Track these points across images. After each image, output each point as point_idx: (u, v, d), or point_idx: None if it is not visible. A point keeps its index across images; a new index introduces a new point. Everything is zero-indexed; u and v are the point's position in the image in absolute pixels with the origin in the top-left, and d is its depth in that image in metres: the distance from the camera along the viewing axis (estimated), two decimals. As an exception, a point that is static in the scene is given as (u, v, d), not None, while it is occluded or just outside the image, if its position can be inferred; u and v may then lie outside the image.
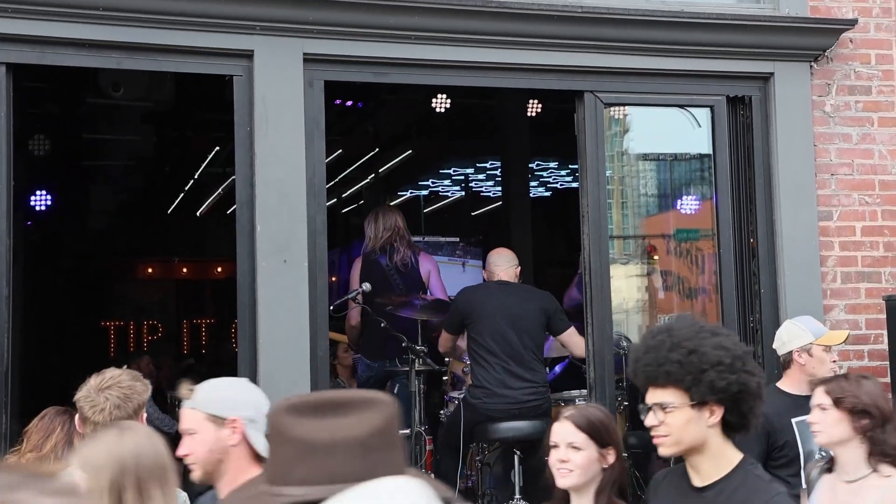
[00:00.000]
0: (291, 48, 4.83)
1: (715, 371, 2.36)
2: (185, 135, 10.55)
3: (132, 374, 3.26)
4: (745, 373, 2.38)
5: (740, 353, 2.41)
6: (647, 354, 2.46)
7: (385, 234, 6.54)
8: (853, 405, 3.27)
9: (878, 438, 3.24)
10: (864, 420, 3.25)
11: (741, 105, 5.52)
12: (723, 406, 2.38)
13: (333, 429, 1.51)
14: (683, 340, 2.39)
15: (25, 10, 4.47)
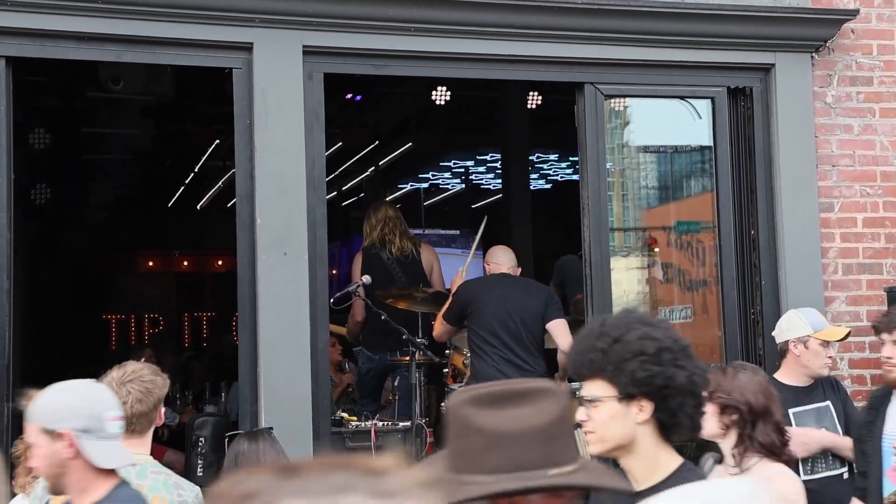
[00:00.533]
0: (291, 40, 4.82)
1: (637, 361, 2.18)
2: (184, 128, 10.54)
3: (153, 368, 3.27)
4: (673, 366, 2.18)
5: (670, 344, 2.20)
6: (577, 344, 2.33)
7: (378, 226, 6.55)
8: (723, 401, 3.19)
9: (745, 434, 3.18)
10: (733, 416, 3.18)
11: (742, 96, 5.51)
12: (652, 402, 2.18)
13: (517, 418, 1.62)
14: (611, 329, 2.24)
15: (25, 4, 4.47)
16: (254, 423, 4.58)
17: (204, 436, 6.36)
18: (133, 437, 3.10)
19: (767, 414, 3.20)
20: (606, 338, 2.23)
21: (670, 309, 6.90)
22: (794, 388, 4.36)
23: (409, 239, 6.67)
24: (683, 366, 2.19)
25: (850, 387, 5.19)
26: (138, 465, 3.08)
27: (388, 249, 6.52)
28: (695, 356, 2.25)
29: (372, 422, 5.59)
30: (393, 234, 6.55)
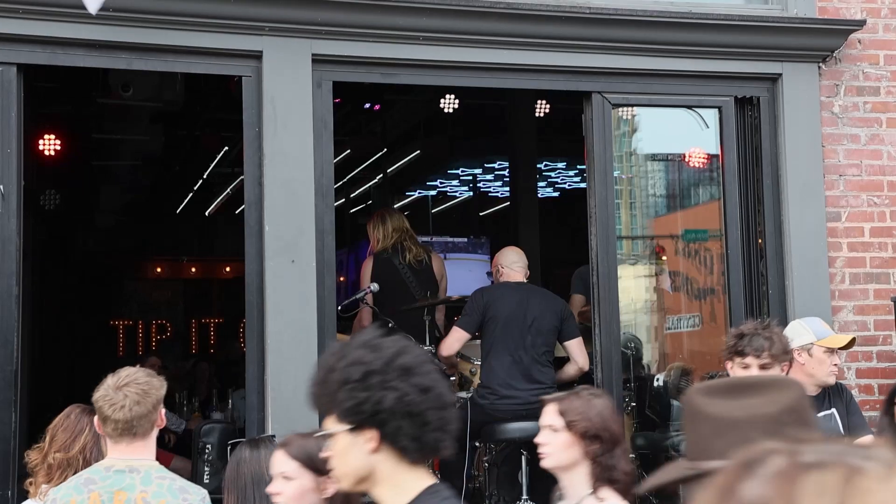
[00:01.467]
0: (300, 49, 4.84)
1: (345, 390, 2.01)
2: (194, 134, 10.58)
3: (147, 371, 3.28)
4: (382, 389, 2.00)
5: (379, 366, 2.00)
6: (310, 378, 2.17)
7: (395, 235, 6.57)
8: (585, 429, 3.06)
9: (607, 464, 3.06)
10: (595, 445, 3.06)
11: (749, 106, 5.52)
12: (375, 429, 2.01)
13: (747, 407, 1.66)
14: (327, 359, 2.09)
15: (36, 11, 4.50)
16: (261, 430, 4.59)
17: (211, 443, 6.37)
18: (136, 440, 3.10)
19: (618, 444, 3.09)
20: (322, 370, 2.10)
21: (678, 317, 6.91)
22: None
23: (422, 246, 6.72)
24: (394, 387, 2.00)
25: (858, 396, 5.18)
26: (143, 471, 3.09)
27: (403, 256, 6.54)
28: (425, 372, 2.04)
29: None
30: (410, 242, 6.59)
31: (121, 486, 3.04)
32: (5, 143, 4.51)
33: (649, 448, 6.10)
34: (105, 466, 3.12)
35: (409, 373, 2.02)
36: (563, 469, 3.15)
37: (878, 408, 5.38)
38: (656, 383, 6.55)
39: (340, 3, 4.86)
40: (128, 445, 3.10)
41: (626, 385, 5.78)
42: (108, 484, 3.05)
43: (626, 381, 5.69)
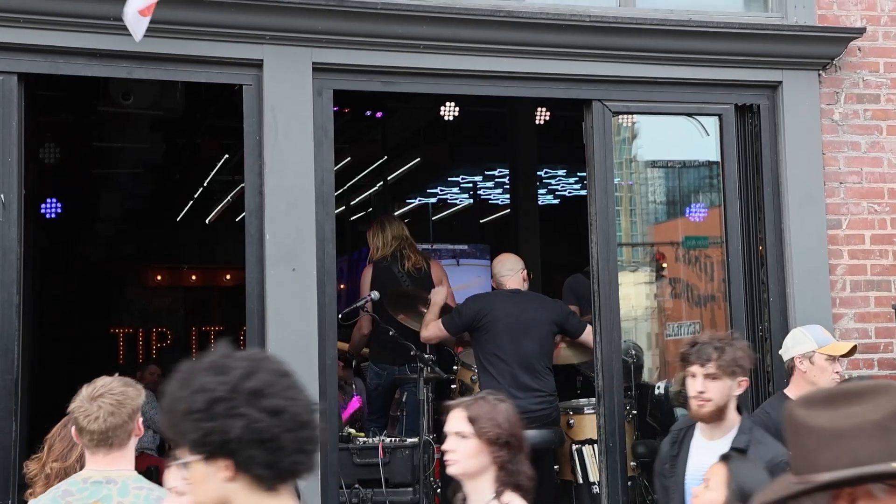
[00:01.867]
0: (300, 57, 4.85)
1: (190, 421, 1.87)
2: (194, 142, 10.59)
3: (124, 380, 3.25)
4: (228, 417, 1.85)
5: (223, 393, 1.85)
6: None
7: (395, 243, 6.57)
8: (496, 435, 3.00)
9: (513, 469, 3.03)
10: (503, 451, 3.02)
11: (749, 113, 5.53)
12: (229, 458, 1.87)
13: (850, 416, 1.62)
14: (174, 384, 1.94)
15: (38, 21, 4.50)
16: (262, 438, 4.58)
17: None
18: (113, 450, 3.08)
19: (523, 449, 3.06)
20: (167, 398, 1.94)
21: (679, 324, 6.91)
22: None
23: (421, 253, 6.71)
24: (242, 414, 1.86)
25: (858, 404, 5.17)
26: (119, 482, 3.07)
27: (402, 264, 6.54)
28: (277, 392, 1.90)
29: (380, 438, 5.59)
30: (409, 250, 6.59)
31: (98, 497, 3.02)
32: (6, 153, 4.51)
33: (650, 456, 6.07)
34: (83, 478, 3.10)
35: (258, 396, 1.87)
36: (469, 476, 3.10)
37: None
38: (657, 391, 6.55)
39: (341, 11, 4.87)
40: (104, 456, 3.08)
41: (627, 393, 5.77)
42: (86, 496, 3.03)
43: (626, 389, 5.68)
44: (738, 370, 3.74)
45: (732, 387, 3.74)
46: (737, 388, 3.75)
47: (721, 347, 3.75)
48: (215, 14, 4.70)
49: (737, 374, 3.73)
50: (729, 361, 3.71)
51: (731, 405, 3.74)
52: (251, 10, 4.74)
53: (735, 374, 3.73)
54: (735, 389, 3.75)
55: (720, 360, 3.71)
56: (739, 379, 3.75)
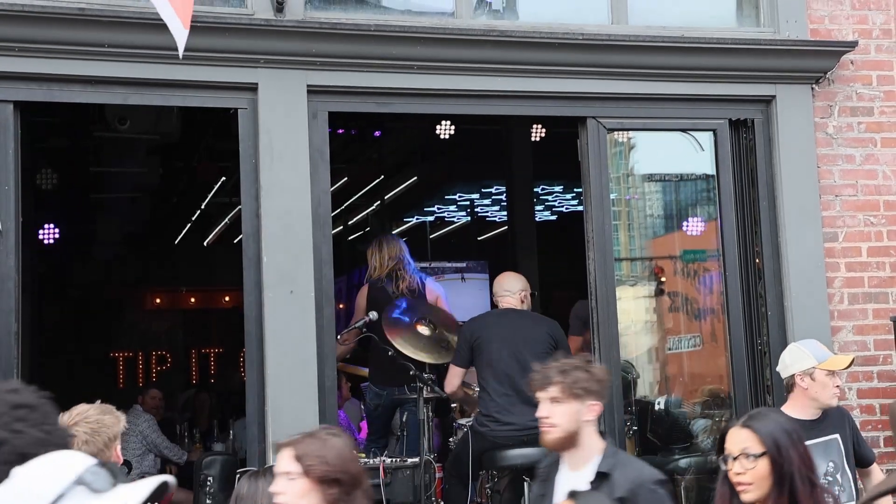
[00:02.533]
0: (295, 80, 4.87)
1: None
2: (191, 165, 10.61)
3: (102, 408, 3.23)
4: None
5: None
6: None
7: (390, 263, 6.57)
8: (324, 473, 2.83)
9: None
10: (334, 489, 2.83)
11: (744, 128, 5.54)
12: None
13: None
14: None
15: (33, 49, 4.52)
16: (262, 461, 4.57)
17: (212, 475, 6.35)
18: None
19: (360, 484, 2.88)
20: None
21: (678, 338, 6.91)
22: (801, 422, 4.32)
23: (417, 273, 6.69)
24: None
25: (859, 416, 5.18)
26: None
27: (396, 284, 6.54)
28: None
29: (380, 458, 5.58)
30: (404, 271, 6.58)
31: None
32: (3, 181, 4.53)
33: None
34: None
35: None
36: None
37: (880, 428, 5.38)
38: (657, 406, 6.54)
39: (334, 34, 4.89)
40: None
41: (627, 409, 5.76)
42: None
43: (627, 405, 5.67)
44: (582, 392, 3.47)
45: (581, 411, 3.47)
46: (586, 412, 3.47)
47: (565, 371, 3.52)
48: (209, 39, 4.72)
49: (583, 397, 3.48)
50: (571, 384, 3.47)
51: (585, 431, 3.49)
52: (245, 35, 4.76)
53: (581, 397, 3.47)
54: (585, 413, 3.47)
55: (563, 383, 3.49)
56: (589, 403, 3.48)
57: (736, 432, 3.00)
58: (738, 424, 3.02)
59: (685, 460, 6.09)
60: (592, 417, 3.51)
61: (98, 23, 4.56)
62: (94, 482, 1.64)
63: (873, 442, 4.89)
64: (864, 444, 4.51)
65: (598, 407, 3.54)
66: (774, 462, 2.92)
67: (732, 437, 3.00)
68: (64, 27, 4.53)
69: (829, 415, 4.39)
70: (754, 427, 2.98)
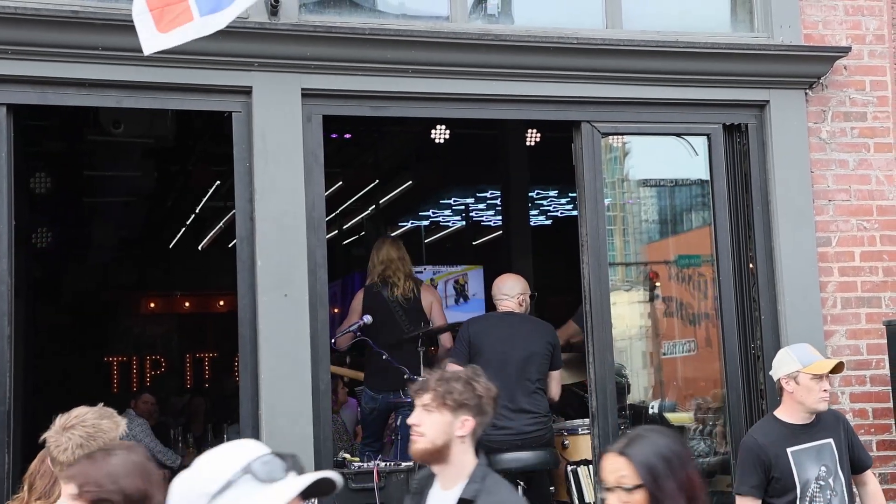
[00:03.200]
0: (289, 84, 4.87)
1: None
2: (185, 169, 10.59)
3: (101, 411, 3.20)
4: None
5: None
6: None
7: (380, 268, 6.55)
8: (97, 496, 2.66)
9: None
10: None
11: (738, 133, 5.56)
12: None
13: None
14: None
15: (26, 52, 4.52)
16: (255, 465, 4.56)
17: (206, 478, 6.33)
18: None
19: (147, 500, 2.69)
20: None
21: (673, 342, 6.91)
22: (792, 426, 4.34)
23: (412, 279, 6.64)
24: None
25: (852, 420, 5.18)
26: None
27: (391, 290, 6.52)
28: None
29: (374, 462, 5.58)
30: (396, 276, 6.52)
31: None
32: (-4, 184, 4.52)
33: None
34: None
35: None
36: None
37: (873, 432, 5.39)
38: (651, 410, 6.54)
39: (329, 37, 4.90)
40: None
41: (621, 413, 5.77)
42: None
43: (620, 409, 5.68)
44: (455, 405, 3.25)
45: (453, 424, 3.25)
46: (459, 427, 3.25)
47: (444, 380, 3.31)
48: (204, 42, 4.69)
49: (456, 409, 3.25)
50: (444, 393, 3.26)
51: (456, 447, 3.27)
52: (239, 38, 4.76)
53: (454, 410, 3.25)
54: (457, 428, 3.25)
55: (436, 392, 3.27)
56: (462, 417, 3.25)
57: (611, 459, 2.64)
58: (615, 450, 2.67)
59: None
60: (465, 433, 3.27)
61: (92, 25, 4.56)
62: (260, 472, 1.77)
63: (866, 446, 4.89)
64: (860, 448, 4.51)
65: (472, 423, 3.29)
66: (651, 495, 2.58)
67: (607, 465, 2.65)
68: (58, 30, 4.52)
69: (824, 419, 4.39)
70: (630, 454, 2.62)
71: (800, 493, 4.24)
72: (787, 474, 4.24)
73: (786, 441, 4.28)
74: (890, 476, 5.36)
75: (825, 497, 4.26)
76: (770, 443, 4.28)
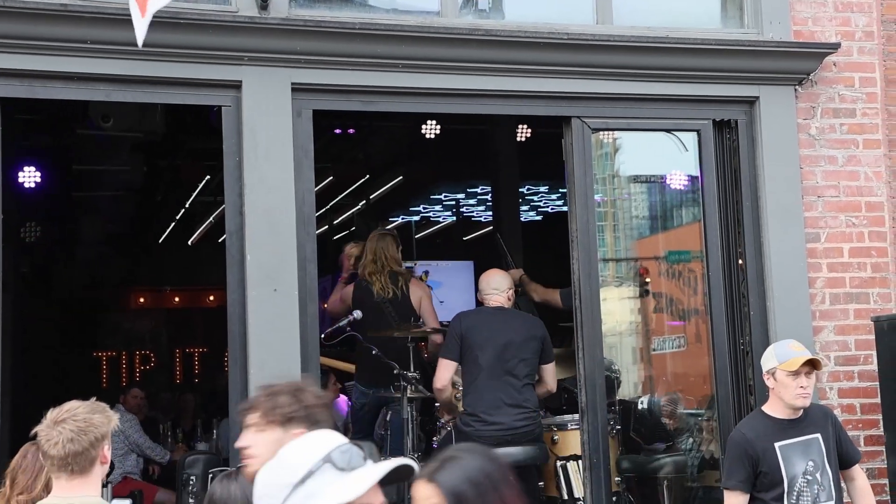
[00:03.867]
0: (279, 78, 4.85)
1: None
2: (175, 163, 10.56)
3: (93, 406, 3.19)
4: None
5: None
6: None
7: (367, 264, 6.53)
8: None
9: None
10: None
11: (727, 129, 5.56)
12: None
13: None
14: None
15: (15, 45, 4.50)
16: (244, 460, 4.56)
17: (195, 474, 6.32)
18: (74, 477, 3.04)
19: None
20: None
21: (663, 338, 6.93)
22: (779, 421, 4.35)
23: (401, 275, 6.60)
24: None
25: (840, 416, 5.19)
26: None
27: (379, 287, 6.50)
28: None
29: (364, 457, 5.57)
30: (378, 274, 6.48)
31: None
32: (-16, 177, 4.50)
33: (634, 471, 6.09)
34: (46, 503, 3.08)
35: None
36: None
37: (861, 427, 5.41)
38: (640, 406, 6.55)
39: (319, 32, 4.89)
40: (67, 482, 3.04)
41: (611, 408, 5.78)
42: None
43: (610, 405, 5.69)
44: (283, 419, 2.98)
45: (283, 440, 2.82)
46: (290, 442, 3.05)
47: (271, 394, 3.03)
48: (193, 36, 4.70)
49: (287, 424, 2.97)
50: (271, 409, 2.98)
51: None
52: (229, 32, 4.75)
53: (286, 425, 2.97)
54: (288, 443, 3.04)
55: (263, 408, 3.00)
56: (293, 431, 2.93)
57: (421, 487, 2.36)
58: (424, 476, 2.37)
59: (667, 460, 6.11)
60: None
61: (81, 19, 4.54)
62: (339, 460, 1.82)
63: (854, 441, 4.90)
64: (848, 442, 4.52)
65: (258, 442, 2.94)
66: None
67: (417, 493, 2.38)
68: (46, 23, 4.50)
69: (811, 414, 4.40)
70: (438, 480, 2.34)
71: (787, 487, 4.25)
72: (774, 469, 4.26)
73: (773, 436, 4.29)
74: (878, 471, 5.38)
75: (812, 492, 4.27)
76: (758, 437, 4.29)
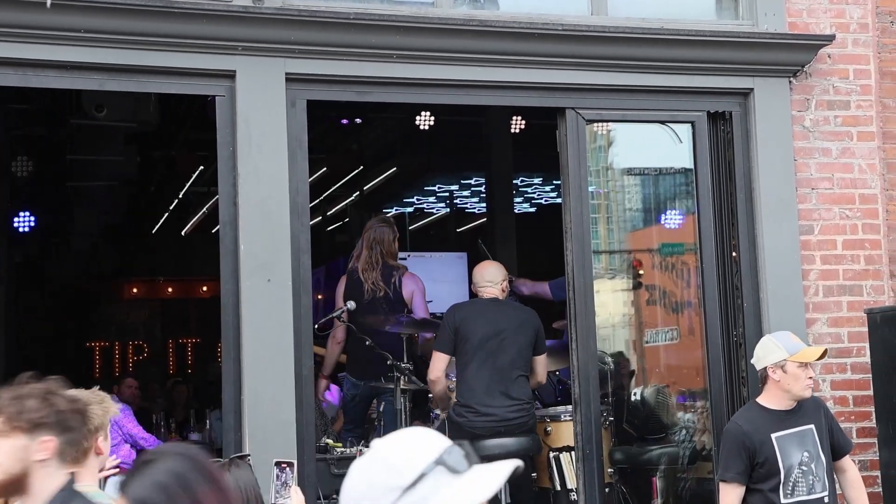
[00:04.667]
0: (273, 68, 4.84)
1: None
2: (169, 154, 10.55)
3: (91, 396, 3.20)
4: None
5: None
6: None
7: (365, 254, 6.51)
8: None
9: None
10: None
11: (722, 120, 5.56)
12: None
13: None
14: None
15: (8, 34, 4.48)
16: (238, 450, 4.56)
17: (188, 464, 6.32)
18: (69, 466, 3.03)
19: None
20: None
21: (656, 331, 6.94)
22: (776, 413, 4.38)
23: (395, 269, 6.57)
24: None
25: (833, 408, 5.21)
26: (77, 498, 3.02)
27: (373, 278, 6.49)
28: None
29: (357, 448, 5.58)
30: (371, 271, 6.45)
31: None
32: (-23, 166, 4.49)
33: (627, 462, 6.10)
34: None
35: None
36: None
37: (853, 419, 5.43)
38: (634, 398, 6.57)
39: (314, 21, 4.87)
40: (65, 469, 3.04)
41: (604, 400, 5.79)
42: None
43: (603, 397, 5.70)
44: (30, 425, 2.74)
45: (29, 447, 2.73)
46: (38, 450, 2.73)
47: (17, 398, 2.79)
48: (187, 25, 4.69)
49: (34, 430, 2.74)
50: (15, 414, 2.74)
51: (36, 473, 2.74)
52: (223, 21, 4.73)
53: (32, 431, 2.74)
54: (35, 451, 2.73)
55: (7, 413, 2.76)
56: (40, 438, 2.74)
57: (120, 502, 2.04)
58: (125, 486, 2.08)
59: (659, 451, 6.13)
60: (46, 456, 2.75)
61: (74, 7, 4.52)
62: (451, 462, 1.62)
63: (846, 433, 4.92)
64: (840, 433, 4.55)
65: (54, 443, 2.77)
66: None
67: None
68: (39, 12, 4.48)
69: (805, 405, 4.42)
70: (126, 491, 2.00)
71: (783, 478, 4.28)
72: (772, 460, 4.28)
73: (770, 427, 4.32)
74: (870, 463, 5.40)
75: (808, 482, 4.30)
76: (755, 429, 4.31)
